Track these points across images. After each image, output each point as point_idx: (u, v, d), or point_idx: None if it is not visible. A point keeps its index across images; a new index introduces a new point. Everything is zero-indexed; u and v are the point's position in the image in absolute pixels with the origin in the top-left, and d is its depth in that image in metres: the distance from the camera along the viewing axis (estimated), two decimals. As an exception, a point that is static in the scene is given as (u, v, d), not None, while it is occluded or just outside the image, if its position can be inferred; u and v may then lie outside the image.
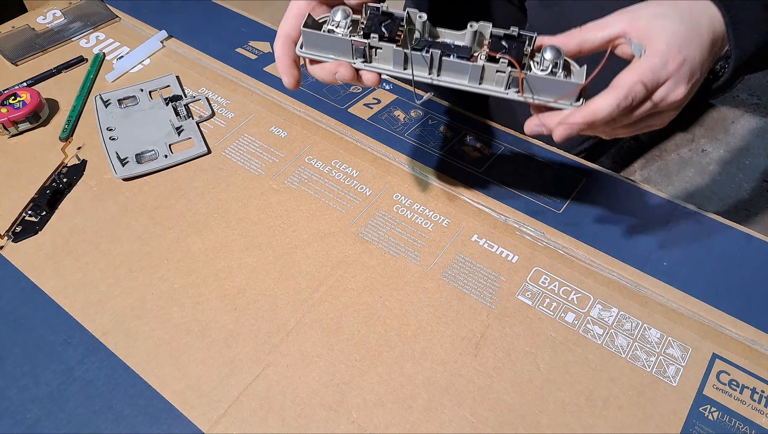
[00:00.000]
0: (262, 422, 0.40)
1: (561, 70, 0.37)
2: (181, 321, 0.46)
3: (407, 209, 0.53)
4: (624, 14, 0.37)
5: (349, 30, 0.38)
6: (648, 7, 0.37)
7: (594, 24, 0.37)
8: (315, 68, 0.40)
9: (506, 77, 0.37)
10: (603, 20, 0.37)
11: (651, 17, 0.36)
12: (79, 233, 0.52)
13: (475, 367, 0.43)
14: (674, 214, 0.52)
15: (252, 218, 0.52)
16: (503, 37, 0.38)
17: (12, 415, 0.41)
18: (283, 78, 0.40)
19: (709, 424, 0.40)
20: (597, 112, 0.35)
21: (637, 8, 0.37)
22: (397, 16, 0.39)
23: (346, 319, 0.46)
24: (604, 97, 0.35)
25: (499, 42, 0.38)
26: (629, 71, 0.35)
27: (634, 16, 0.36)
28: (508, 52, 0.37)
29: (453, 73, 0.39)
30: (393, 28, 0.38)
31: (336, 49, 0.39)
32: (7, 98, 0.59)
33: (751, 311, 0.45)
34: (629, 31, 0.36)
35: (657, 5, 0.37)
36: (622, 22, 0.36)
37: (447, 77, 0.39)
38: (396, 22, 0.38)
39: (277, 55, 0.40)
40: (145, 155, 0.57)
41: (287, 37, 0.40)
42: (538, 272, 0.48)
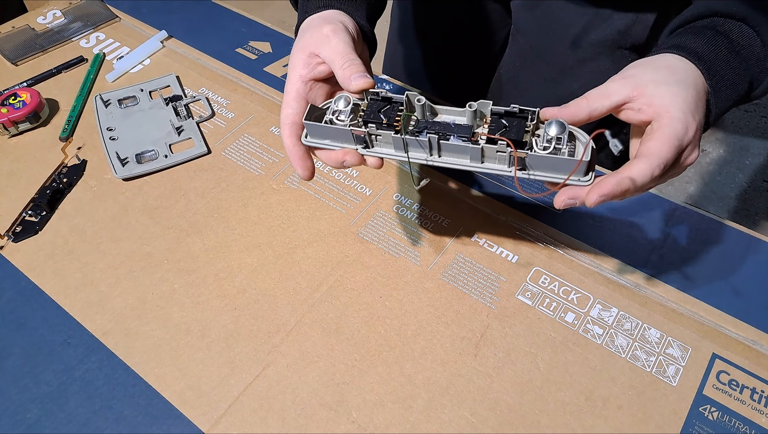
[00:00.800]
0: (262, 422, 0.40)
1: (565, 145, 0.36)
2: (181, 321, 0.46)
3: (407, 209, 0.53)
4: (625, 80, 0.37)
5: (350, 118, 0.39)
6: (646, 73, 0.37)
7: (598, 92, 0.36)
8: (322, 155, 0.41)
9: (507, 157, 0.37)
10: (605, 87, 0.37)
11: (656, 84, 0.36)
12: (79, 233, 0.52)
13: (475, 367, 0.43)
14: (674, 214, 0.52)
15: (252, 218, 0.52)
16: (504, 115, 0.37)
17: (12, 415, 0.41)
18: (298, 170, 0.40)
19: (709, 424, 0.40)
20: (634, 180, 0.34)
21: (634, 74, 0.37)
22: (396, 101, 0.39)
23: (346, 319, 0.46)
24: (638, 165, 0.34)
25: (499, 120, 0.37)
26: (659, 140, 0.35)
27: (637, 83, 0.36)
28: (508, 130, 0.36)
29: (454, 154, 0.38)
30: (392, 113, 0.38)
31: (339, 137, 0.40)
32: (7, 98, 0.59)
33: (751, 311, 0.46)
34: (635, 96, 0.36)
35: (653, 71, 0.37)
36: (625, 88, 0.36)
37: (448, 158, 0.39)
38: (395, 106, 0.38)
39: (287, 145, 0.40)
40: (145, 155, 0.57)
41: (293, 125, 0.40)
42: (538, 272, 0.48)
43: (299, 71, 0.40)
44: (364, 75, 0.38)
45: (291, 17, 1.64)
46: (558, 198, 0.36)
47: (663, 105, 0.35)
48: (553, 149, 0.36)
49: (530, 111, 0.37)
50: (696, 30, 0.40)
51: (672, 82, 0.36)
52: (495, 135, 0.36)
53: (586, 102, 0.36)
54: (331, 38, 0.39)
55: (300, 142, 0.40)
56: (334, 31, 0.39)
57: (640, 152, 0.36)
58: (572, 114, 0.36)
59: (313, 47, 0.40)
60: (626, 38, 0.56)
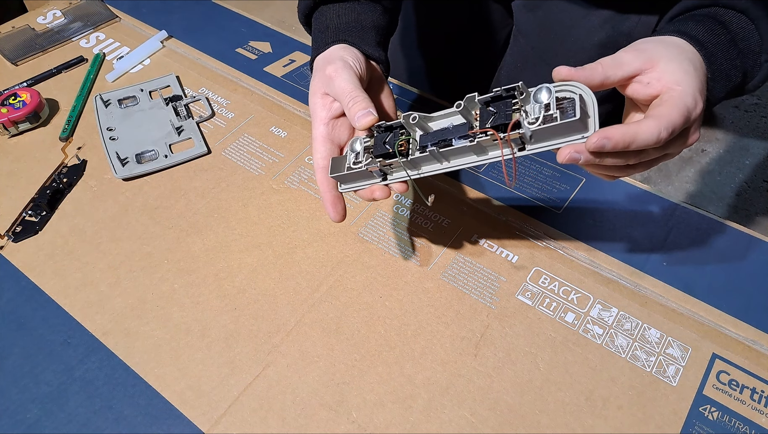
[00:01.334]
0: (262, 422, 0.40)
1: (555, 109, 0.35)
2: (181, 321, 0.46)
3: (407, 209, 0.53)
4: (638, 53, 0.37)
5: (365, 157, 0.41)
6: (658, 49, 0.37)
7: (612, 61, 0.36)
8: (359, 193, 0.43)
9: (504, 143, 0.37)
10: (618, 57, 0.37)
11: (668, 60, 0.36)
12: (79, 233, 0.52)
13: (475, 367, 0.43)
14: (674, 214, 0.52)
15: (252, 218, 0.52)
16: (491, 101, 0.37)
17: (12, 415, 0.41)
18: (330, 213, 0.42)
19: (709, 424, 0.40)
20: (638, 134, 0.34)
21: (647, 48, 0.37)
22: (395, 126, 0.40)
23: (346, 319, 0.46)
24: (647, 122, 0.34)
25: (485, 111, 0.38)
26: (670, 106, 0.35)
27: (650, 56, 0.36)
28: (496, 116, 0.37)
29: (460, 156, 0.39)
30: (395, 139, 0.40)
31: (363, 178, 0.42)
32: (7, 98, 0.59)
33: (751, 311, 0.46)
34: (646, 69, 0.36)
35: (665, 47, 0.37)
36: (638, 61, 0.36)
37: (457, 160, 0.40)
38: (396, 132, 0.40)
39: (322, 190, 0.42)
40: (145, 155, 0.57)
41: (325, 169, 0.42)
42: (538, 272, 0.48)
43: (319, 114, 0.43)
44: (367, 112, 0.40)
45: (291, 17, 1.64)
46: (561, 153, 0.35)
47: (675, 80, 0.35)
48: (544, 118, 0.35)
49: (513, 88, 0.36)
50: (697, 18, 0.41)
51: (684, 60, 0.36)
52: (484, 128, 0.37)
53: (602, 68, 0.36)
54: (334, 78, 0.41)
55: (333, 187, 0.42)
56: (335, 71, 0.41)
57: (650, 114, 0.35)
58: (587, 78, 0.35)
59: (324, 88, 0.42)
60: (628, 40, 0.57)
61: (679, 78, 0.36)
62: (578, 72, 0.35)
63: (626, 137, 0.33)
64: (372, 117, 0.39)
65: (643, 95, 0.37)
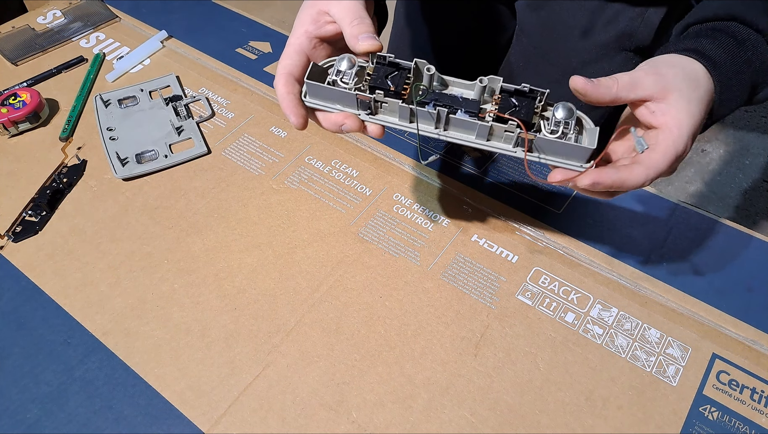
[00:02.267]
0: (262, 422, 0.40)
1: (572, 130, 0.36)
2: (181, 321, 0.46)
3: (407, 209, 0.53)
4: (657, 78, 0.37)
5: (354, 81, 0.38)
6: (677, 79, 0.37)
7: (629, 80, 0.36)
8: (320, 117, 0.40)
9: (515, 137, 0.37)
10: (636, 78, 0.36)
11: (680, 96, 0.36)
12: (79, 233, 0.52)
13: (475, 367, 0.43)
14: (674, 214, 0.52)
15: (252, 218, 0.52)
16: (513, 93, 0.37)
17: (12, 415, 0.41)
18: (290, 118, 0.38)
19: (709, 424, 0.40)
20: (627, 180, 0.35)
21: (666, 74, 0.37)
22: (404, 67, 0.38)
23: (346, 319, 0.46)
24: (637, 171, 0.36)
25: (508, 99, 0.37)
26: (661, 155, 0.36)
27: (666, 85, 0.37)
28: (517, 111, 0.36)
29: (461, 129, 0.38)
30: (399, 80, 0.37)
31: (342, 101, 0.39)
32: (7, 98, 0.59)
33: (751, 311, 0.46)
34: (658, 98, 0.36)
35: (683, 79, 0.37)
36: (654, 88, 0.36)
37: (454, 133, 0.38)
38: (403, 74, 0.37)
39: (280, 94, 0.39)
40: (145, 155, 0.57)
41: (289, 75, 0.39)
42: (538, 272, 0.48)
43: (306, 26, 0.39)
44: (372, 36, 0.37)
45: (291, 17, 1.64)
46: (553, 175, 0.37)
47: (676, 121, 0.36)
48: (561, 133, 0.36)
49: (539, 92, 0.36)
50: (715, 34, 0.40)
51: (693, 99, 0.37)
52: (505, 114, 0.36)
53: (616, 88, 0.36)
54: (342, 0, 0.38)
55: (293, 91, 0.38)
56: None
57: (641, 159, 0.36)
58: (600, 95, 0.35)
59: (324, 5, 0.39)
60: (631, 40, 0.56)
61: (681, 120, 0.36)
62: (593, 88, 0.35)
63: (616, 183, 0.35)
64: (376, 42, 0.37)
65: (644, 120, 0.37)
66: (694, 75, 0.38)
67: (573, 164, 0.37)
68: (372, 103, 0.38)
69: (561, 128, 0.36)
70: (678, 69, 0.38)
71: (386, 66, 0.38)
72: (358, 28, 0.37)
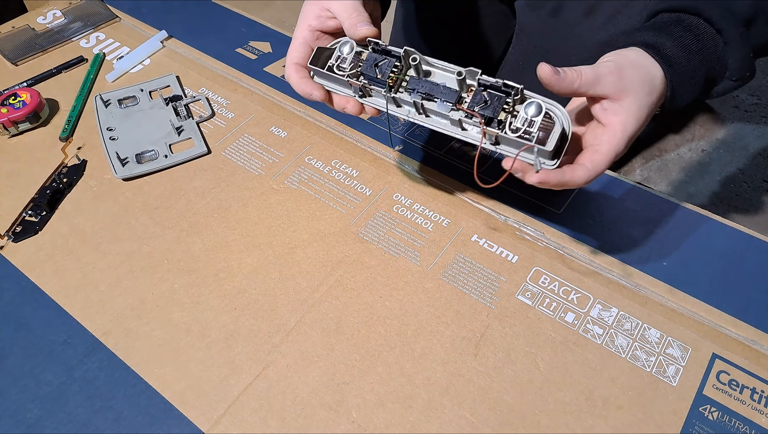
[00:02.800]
0: (262, 422, 0.40)
1: (537, 128, 0.37)
2: (181, 321, 0.46)
3: (407, 209, 0.53)
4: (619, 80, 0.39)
5: (351, 66, 0.42)
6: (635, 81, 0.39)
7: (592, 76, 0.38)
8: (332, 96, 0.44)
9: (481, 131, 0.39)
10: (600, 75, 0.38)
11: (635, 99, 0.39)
12: (79, 233, 0.52)
13: (475, 367, 0.43)
14: (674, 214, 0.52)
15: (252, 218, 0.52)
16: (489, 87, 0.39)
17: (12, 415, 0.41)
18: (313, 94, 0.43)
19: (709, 424, 0.40)
20: (571, 180, 0.39)
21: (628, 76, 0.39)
22: (394, 54, 0.41)
23: (346, 319, 0.46)
24: (579, 172, 0.39)
25: (480, 93, 0.39)
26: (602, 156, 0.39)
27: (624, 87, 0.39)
28: (487, 105, 0.39)
29: (438, 117, 0.41)
30: (387, 68, 0.41)
31: (338, 84, 0.43)
32: (7, 98, 0.59)
33: (751, 311, 0.45)
34: (615, 98, 0.39)
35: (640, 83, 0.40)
36: (614, 87, 0.38)
37: (433, 120, 0.41)
38: (391, 61, 0.41)
39: (294, 80, 0.43)
40: (145, 155, 0.57)
41: (297, 65, 0.43)
42: (538, 272, 0.48)
43: (309, 21, 0.44)
44: (368, 24, 0.41)
45: (291, 17, 1.64)
46: (506, 162, 0.39)
47: (622, 125, 0.39)
48: (524, 132, 0.38)
49: (513, 87, 0.38)
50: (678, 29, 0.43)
51: (644, 105, 0.39)
52: (474, 109, 0.39)
53: (578, 83, 0.38)
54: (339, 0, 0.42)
55: (305, 75, 0.43)
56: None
57: (583, 159, 0.39)
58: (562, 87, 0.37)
59: (325, 3, 0.43)
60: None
61: (627, 123, 0.39)
62: (557, 80, 0.37)
63: (560, 182, 0.38)
64: (372, 28, 0.41)
65: (596, 114, 0.40)
66: (651, 79, 0.40)
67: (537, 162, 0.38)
68: (363, 89, 0.42)
69: (525, 126, 0.38)
70: (640, 72, 0.40)
71: (379, 52, 0.41)
72: (356, 18, 0.41)
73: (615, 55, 0.41)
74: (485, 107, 0.39)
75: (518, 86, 0.38)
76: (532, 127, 0.38)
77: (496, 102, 0.38)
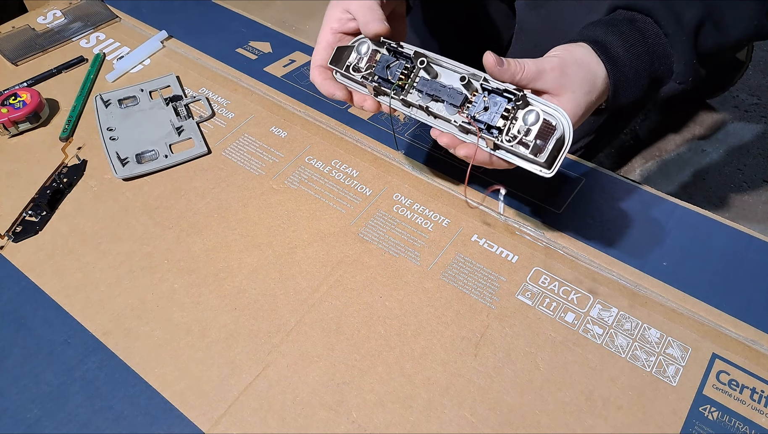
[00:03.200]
0: (262, 422, 0.40)
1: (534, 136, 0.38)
2: (181, 321, 0.46)
3: (407, 209, 0.53)
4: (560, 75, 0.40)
5: (367, 66, 0.44)
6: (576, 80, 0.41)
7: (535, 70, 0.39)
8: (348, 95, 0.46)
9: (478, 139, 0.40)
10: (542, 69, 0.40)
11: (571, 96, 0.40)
12: (79, 233, 0.52)
13: (475, 367, 0.43)
14: (674, 214, 0.52)
15: (252, 218, 0.52)
16: (492, 91, 0.40)
17: (12, 415, 0.41)
18: (336, 94, 0.45)
19: (709, 424, 0.40)
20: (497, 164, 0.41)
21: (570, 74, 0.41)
22: (405, 55, 0.42)
23: (346, 319, 0.46)
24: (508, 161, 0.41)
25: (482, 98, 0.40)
26: None
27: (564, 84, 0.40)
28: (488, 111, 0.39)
29: (443, 119, 0.42)
30: (397, 70, 0.42)
31: (356, 83, 0.45)
32: (7, 98, 0.59)
33: (751, 311, 0.45)
34: (554, 94, 0.40)
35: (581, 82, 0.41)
36: (555, 82, 0.40)
37: (440, 122, 0.42)
38: (402, 63, 0.42)
39: (318, 82, 0.46)
40: (145, 155, 0.57)
41: (321, 67, 0.46)
42: (538, 272, 0.48)
43: (332, 24, 0.46)
44: (381, 21, 0.42)
45: (291, 17, 1.64)
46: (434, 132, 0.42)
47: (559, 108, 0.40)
48: (521, 139, 0.39)
49: (515, 94, 0.39)
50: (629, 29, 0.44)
51: (582, 103, 0.41)
52: (470, 117, 0.40)
53: (520, 76, 0.39)
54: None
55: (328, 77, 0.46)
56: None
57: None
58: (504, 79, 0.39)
59: (345, 4, 0.45)
60: None
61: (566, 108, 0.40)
62: (500, 71, 0.39)
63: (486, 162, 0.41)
64: (384, 25, 0.42)
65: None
66: (592, 79, 0.42)
67: (533, 167, 0.39)
68: (376, 88, 0.44)
69: (522, 135, 0.39)
70: (582, 70, 0.41)
71: (390, 55, 0.43)
72: (369, 16, 0.43)
73: (562, 50, 0.42)
74: (485, 113, 0.39)
75: (519, 93, 0.38)
76: (529, 135, 0.38)
77: (495, 108, 0.39)
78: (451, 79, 0.42)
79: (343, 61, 0.45)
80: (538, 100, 0.39)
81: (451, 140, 0.41)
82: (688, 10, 0.44)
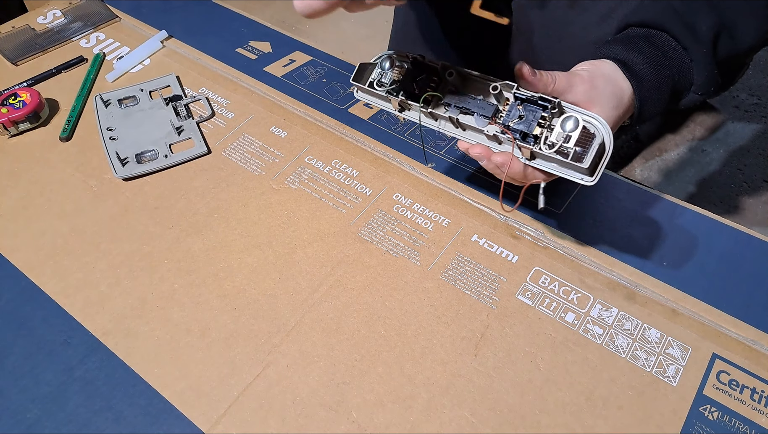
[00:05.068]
0: (262, 422, 0.40)
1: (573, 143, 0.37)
2: (181, 321, 0.46)
3: (407, 209, 0.53)
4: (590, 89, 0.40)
5: (391, 80, 0.43)
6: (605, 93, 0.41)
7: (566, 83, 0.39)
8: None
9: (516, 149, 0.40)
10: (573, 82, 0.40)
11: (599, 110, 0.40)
12: (79, 233, 0.52)
13: (475, 367, 0.43)
14: (674, 214, 0.52)
15: (252, 218, 0.52)
16: (525, 100, 0.39)
17: (12, 415, 0.41)
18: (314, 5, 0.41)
19: (709, 424, 0.40)
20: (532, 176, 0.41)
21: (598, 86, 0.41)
22: (432, 66, 0.41)
23: (346, 319, 0.46)
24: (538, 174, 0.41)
25: (516, 108, 0.39)
26: None
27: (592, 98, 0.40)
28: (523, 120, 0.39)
29: (474, 131, 0.41)
30: (424, 84, 0.41)
31: (380, 99, 0.45)
32: (7, 98, 0.59)
33: (751, 311, 0.45)
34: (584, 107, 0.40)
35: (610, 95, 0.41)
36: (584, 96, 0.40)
37: (471, 134, 0.42)
38: (429, 77, 0.42)
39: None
40: (145, 155, 0.57)
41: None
42: (538, 272, 0.48)
43: None
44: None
45: (291, 17, 1.64)
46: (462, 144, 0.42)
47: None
48: (560, 147, 0.37)
49: (550, 101, 0.38)
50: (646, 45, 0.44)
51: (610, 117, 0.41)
52: (505, 126, 0.39)
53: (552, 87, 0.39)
54: None
55: None
56: None
57: None
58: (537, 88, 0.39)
59: None
60: None
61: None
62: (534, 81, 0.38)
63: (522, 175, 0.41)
64: None
65: None
66: (620, 94, 0.42)
67: (573, 175, 0.39)
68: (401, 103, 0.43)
69: (561, 142, 0.37)
70: (610, 86, 0.42)
71: (416, 69, 0.42)
72: None
73: (589, 65, 0.42)
74: (520, 122, 0.38)
75: (555, 100, 0.38)
76: (569, 142, 0.37)
77: (531, 116, 0.38)
78: (479, 92, 0.41)
79: (365, 78, 0.44)
80: (573, 108, 0.38)
81: (484, 150, 0.40)
82: (702, 21, 0.44)
